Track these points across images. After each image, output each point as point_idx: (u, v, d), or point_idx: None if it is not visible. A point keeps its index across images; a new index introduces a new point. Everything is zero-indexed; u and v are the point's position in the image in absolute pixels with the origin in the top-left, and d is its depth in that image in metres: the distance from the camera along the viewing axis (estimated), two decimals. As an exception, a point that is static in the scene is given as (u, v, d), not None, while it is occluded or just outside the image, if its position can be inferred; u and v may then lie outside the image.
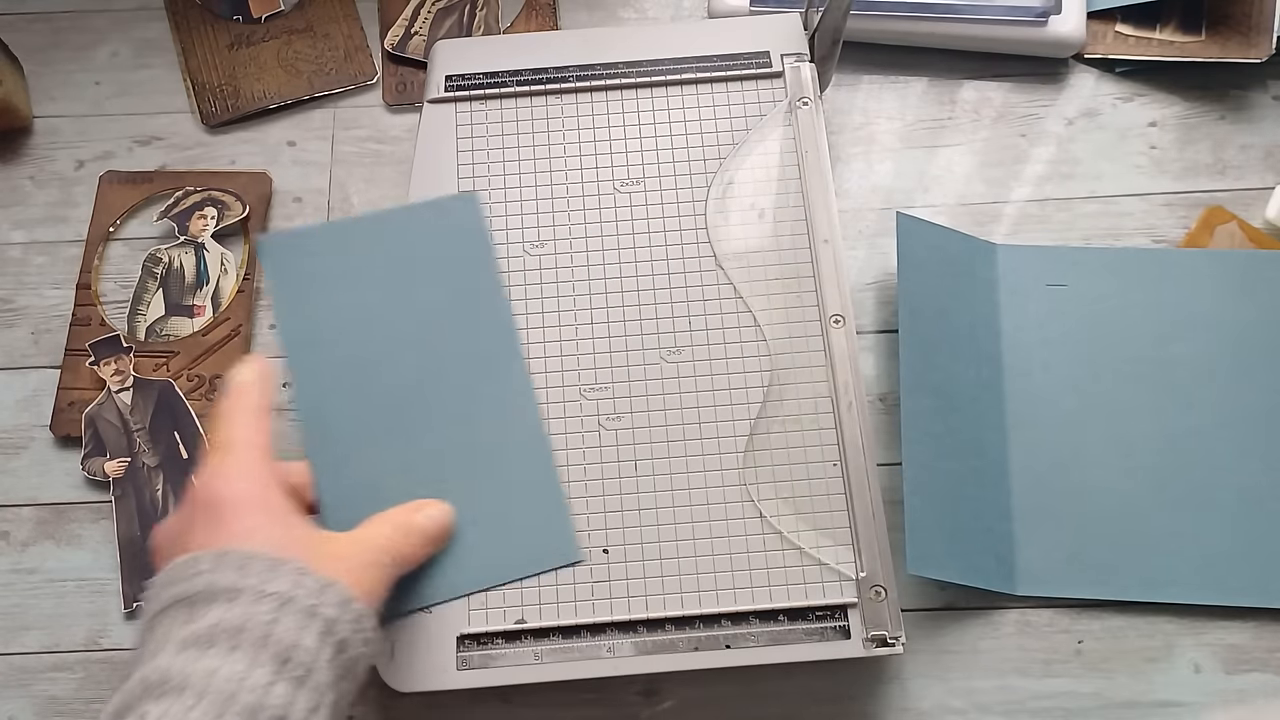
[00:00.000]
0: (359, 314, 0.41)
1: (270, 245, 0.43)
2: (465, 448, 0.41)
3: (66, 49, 0.62)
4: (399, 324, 0.41)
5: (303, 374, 0.41)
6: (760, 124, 0.51)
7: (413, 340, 0.41)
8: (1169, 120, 0.58)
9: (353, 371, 0.41)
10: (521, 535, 0.41)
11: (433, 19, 0.62)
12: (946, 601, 0.48)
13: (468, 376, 0.41)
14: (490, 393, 0.42)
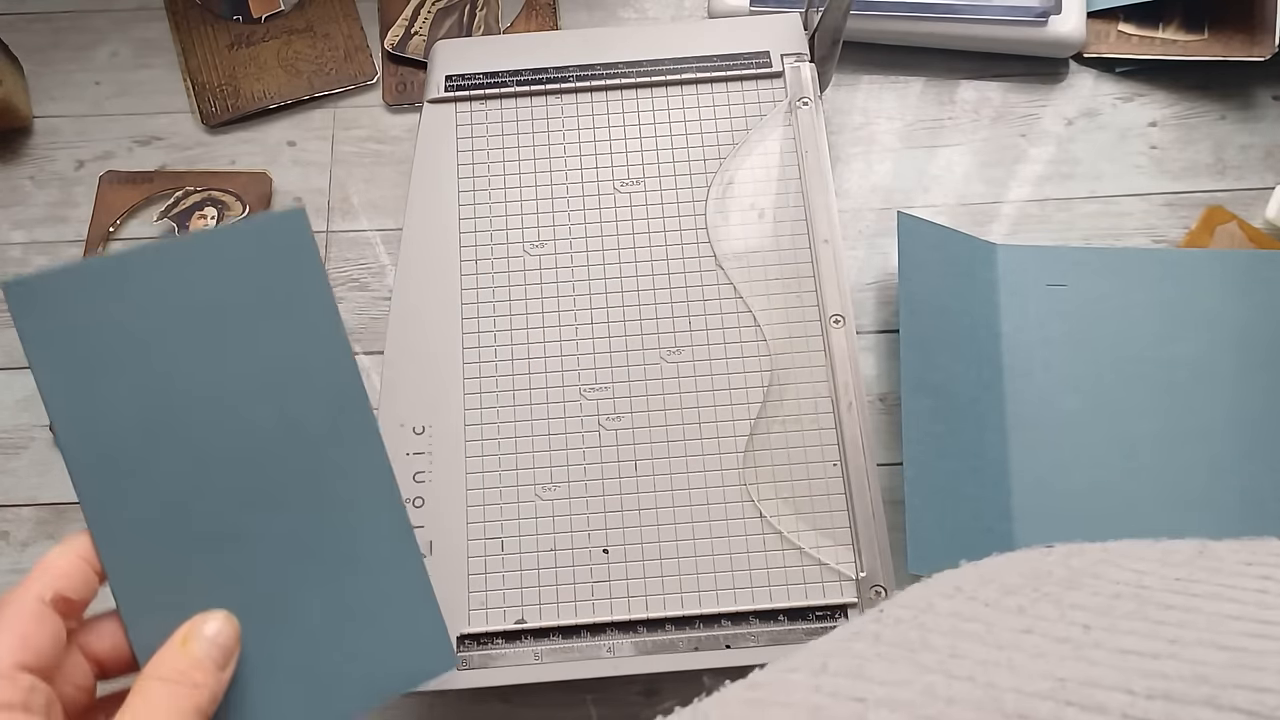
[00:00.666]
0: (153, 378, 0.30)
1: (21, 293, 0.30)
2: (302, 541, 0.31)
3: (66, 49, 0.62)
4: (205, 387, 0.31)
5: (80, 460, 0.29)
6: (760, 124, 0.51)
7: (224, 406, 0.31)
8: (1169, 120, 0.58)
9: (148, 453, 0.30)
10: (384, 646, 0.32)
11: (433, 19, 0.62)
12: (947, 601, 0.48)
13: (301, 447, 0.31)
14: (332, 465, 0.32)
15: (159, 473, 0.30)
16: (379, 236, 0.57)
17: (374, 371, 0.53)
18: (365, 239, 0.57)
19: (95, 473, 0.30)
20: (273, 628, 0.31)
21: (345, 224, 0.57)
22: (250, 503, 0.31)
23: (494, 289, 0.48)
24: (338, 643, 0.31)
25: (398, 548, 0.32)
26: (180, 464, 0.30)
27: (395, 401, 0.45)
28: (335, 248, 0.56)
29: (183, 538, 0.30)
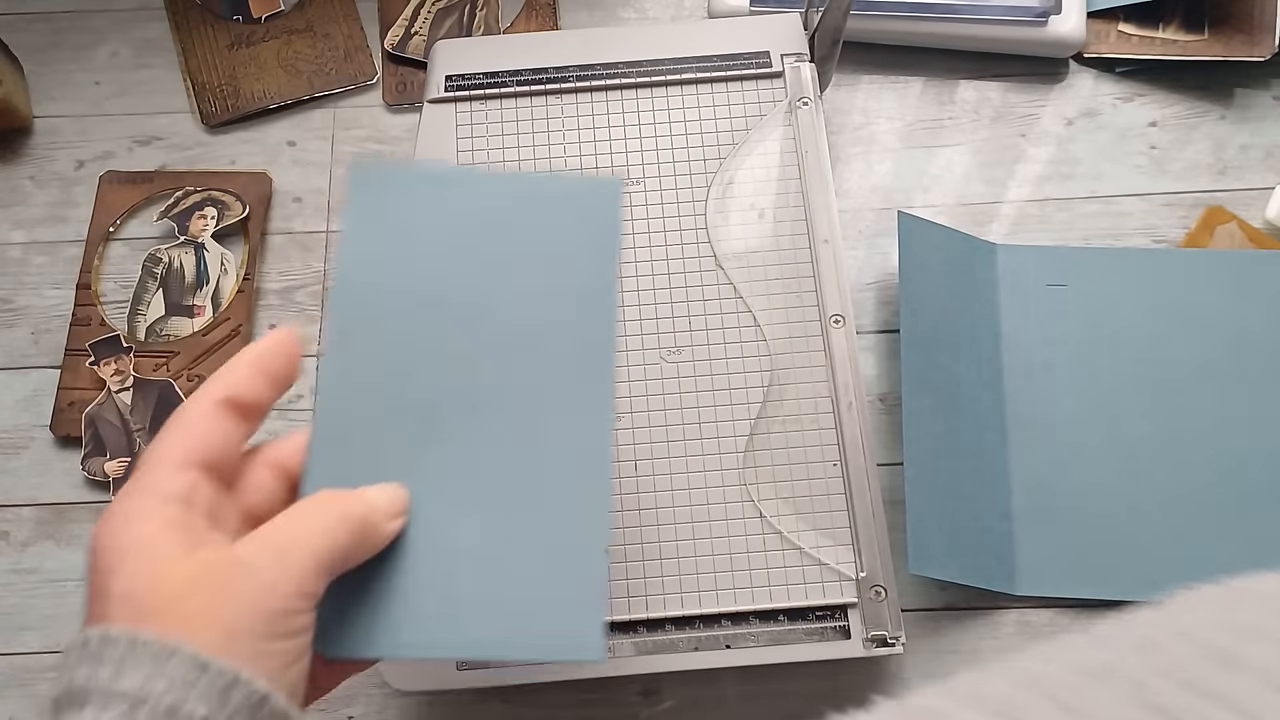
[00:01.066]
0: (437, 283, 0.33)
1: (363, 175, 0.34)
2: (501, 462, 0.32)
3: (66, 49, 0.62)
4: (479, 306, 0.33)
5: (342, 332, 0.32)
6: (760, 124, 0.51)
7: (483, 315, 0.33)
8: (1169, 120, 0.58)
9: (404, 345, 0.32)
10: (536, 603, 0.31)
11: (433, 19, 0.62)
12: (947, 602, 0.48)
13: (535, 381, 0.32)
14: (558, 421, 0.32)
15: (400, 347, 0.32)
16: (379, 236, 0.57)
17: (374, 371, 0.53)
18: (365, 239, 0.57)
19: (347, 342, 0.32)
20: (439, 532, 0.31)
21: (345, 224, 0.57)
22: (467, 406, 0.32)
23: (494, 289, 0.48)
24: (493, 577, 0.31)
25: (588, 514, 0.32)
26: (421, 348, 0.32)
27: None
28: (335, 248, 0.56)
29: (393, 410, 0.32)
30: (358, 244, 0.33)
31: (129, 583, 0.25)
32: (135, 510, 0.26)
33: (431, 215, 0.33)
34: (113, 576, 0.25)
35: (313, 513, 0.28)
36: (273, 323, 0.55)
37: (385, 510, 0.29)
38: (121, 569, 0.25)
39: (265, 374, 0.30)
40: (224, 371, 0.29)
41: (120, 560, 0.25)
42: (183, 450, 0.28)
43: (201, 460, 0.28)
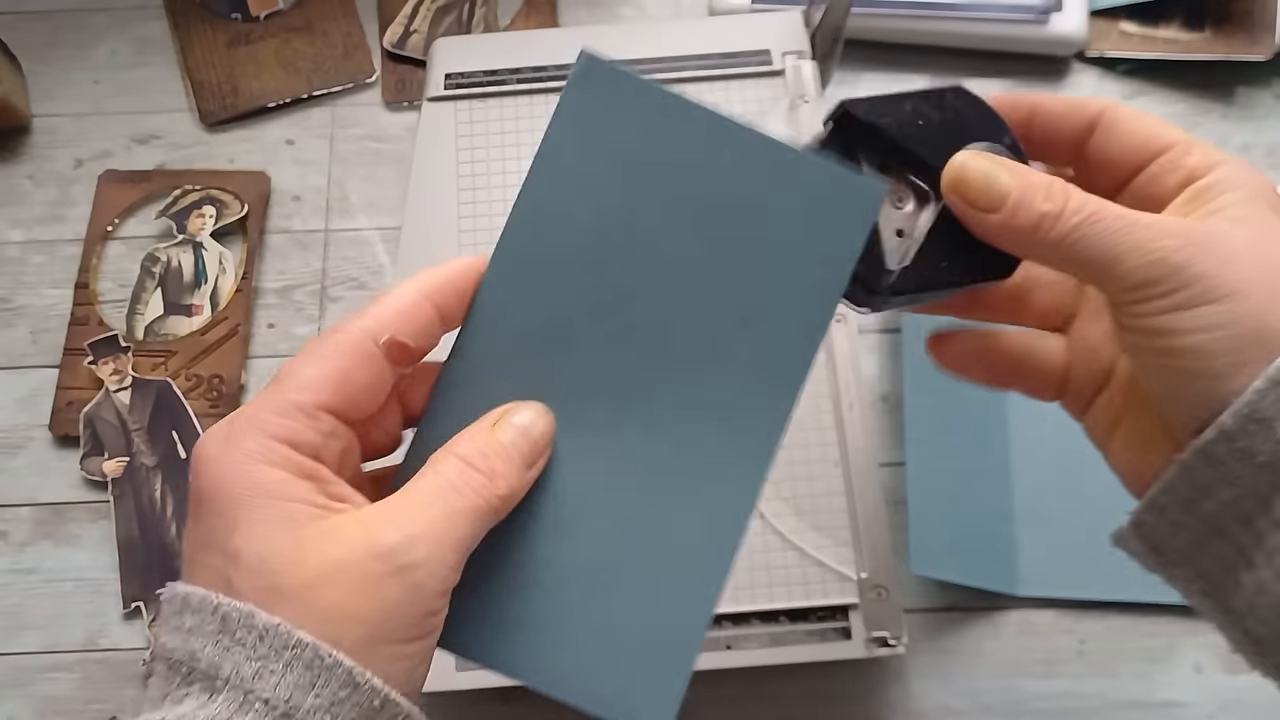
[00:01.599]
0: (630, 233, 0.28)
1: (591, 68, 0.28)
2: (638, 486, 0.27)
3: (65, 48, 0.62)
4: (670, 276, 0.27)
5: (514, 261, 0.28)
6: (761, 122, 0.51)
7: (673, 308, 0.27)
8: (1170, 119, 0.58)
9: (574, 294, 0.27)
10: (623, 652, 0.27)
11: (432, 16, 0.62)
12: (948, 602, 0.47)
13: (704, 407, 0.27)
14: (712, 451, 0.27)
15: (569, 295, 0.28)
16: (378, 235, 0.56)
17: (373, 371, 0.53)
18: (364, 238, 0.56)
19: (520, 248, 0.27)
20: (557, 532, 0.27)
21: (344, 223, 0.57)
22: (620, 393, 0.27)
23: (494, 288, 0.48)
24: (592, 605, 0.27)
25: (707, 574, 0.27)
26: (591, 303, 0.28)
27: (394, 401, 0.45)
28: (334, 246, 0.56)
29: (542, 370, 0.27)
30: (559, 157, 0.28)
31: (261, 548, 0.22)
32: (260, 452, 0.23)
33: (651, 148, 0.28)
34: (237, 532, 0.22)
35: (456, 498, 0.24)
36: (271, 322, 0.55)
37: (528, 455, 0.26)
38: (249, 527, 0.22)
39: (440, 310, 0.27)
40: (392, 301, 0.26)
41: (245, 513, 0.22)
42: (325, 396, 0.24)
43: (343, 410, 0.24)
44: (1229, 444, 0.23)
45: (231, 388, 0.52)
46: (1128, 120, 0.27)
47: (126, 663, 0.47)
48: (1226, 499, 0.24)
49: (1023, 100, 0.29)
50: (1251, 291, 0.23)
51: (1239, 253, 0.24)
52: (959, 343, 0.32)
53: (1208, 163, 0.26)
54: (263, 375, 0.53)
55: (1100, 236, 0.24)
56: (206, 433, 0.24)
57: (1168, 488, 0.25)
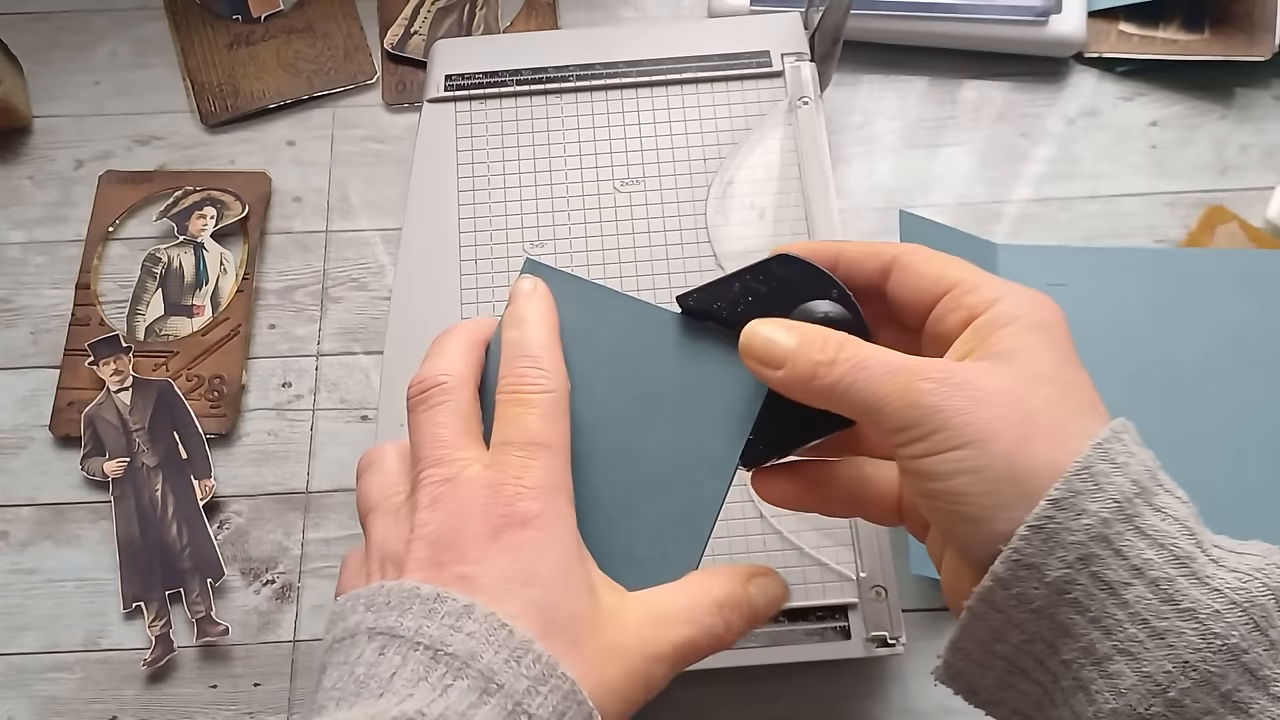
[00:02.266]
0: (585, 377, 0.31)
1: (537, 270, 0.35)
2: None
3: (66, 48, 0.62)
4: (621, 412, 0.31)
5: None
6: (760, 124, 0.51)
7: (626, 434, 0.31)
8: (1170, 119, 0.58)
9: None
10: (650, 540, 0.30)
11: (432, 18, 0.62)
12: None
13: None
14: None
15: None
16: (378, 236, 0.57)
17: (374, 371, 0.53)
18: (364, 239, 0.57)
19: None
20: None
21: (344, 224, 0.57)
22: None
23: (494, 289, 0.48)
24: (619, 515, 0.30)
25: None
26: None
27: (395, 401, 0.45)
28: (334, 247, 0.56)
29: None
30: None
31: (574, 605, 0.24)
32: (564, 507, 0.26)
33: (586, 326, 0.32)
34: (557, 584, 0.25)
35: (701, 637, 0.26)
36: (272, 323, 0.55)
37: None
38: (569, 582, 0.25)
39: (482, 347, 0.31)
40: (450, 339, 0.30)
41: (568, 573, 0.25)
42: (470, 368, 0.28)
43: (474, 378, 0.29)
44: (1005, 591, 0.24)
45: (232, 388, 0.52)
46: (918, 263, 0.28)
47: (127, 663, 0.47)
48: (1016, 642, 0.24)
49: (828, 249, 0.30)
50: (1000, 432, 0.24)
51: (993, 392, 0.24)
52: (787, 480, 0.31)
53: (988, 299, 0.26)
54: (264, 375, 0.53)
55: (867, 382, 0.25)
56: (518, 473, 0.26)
57: (964, 633, 0.25)
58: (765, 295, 0.29)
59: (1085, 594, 0.23)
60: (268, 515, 0.50)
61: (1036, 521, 0.23)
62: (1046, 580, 0.23)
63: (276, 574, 0.49)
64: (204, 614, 0.48)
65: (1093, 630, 0.23)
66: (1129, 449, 0.24)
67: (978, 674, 0.26)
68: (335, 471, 0.51)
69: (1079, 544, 0.23)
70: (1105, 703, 0.23)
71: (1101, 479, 0.23)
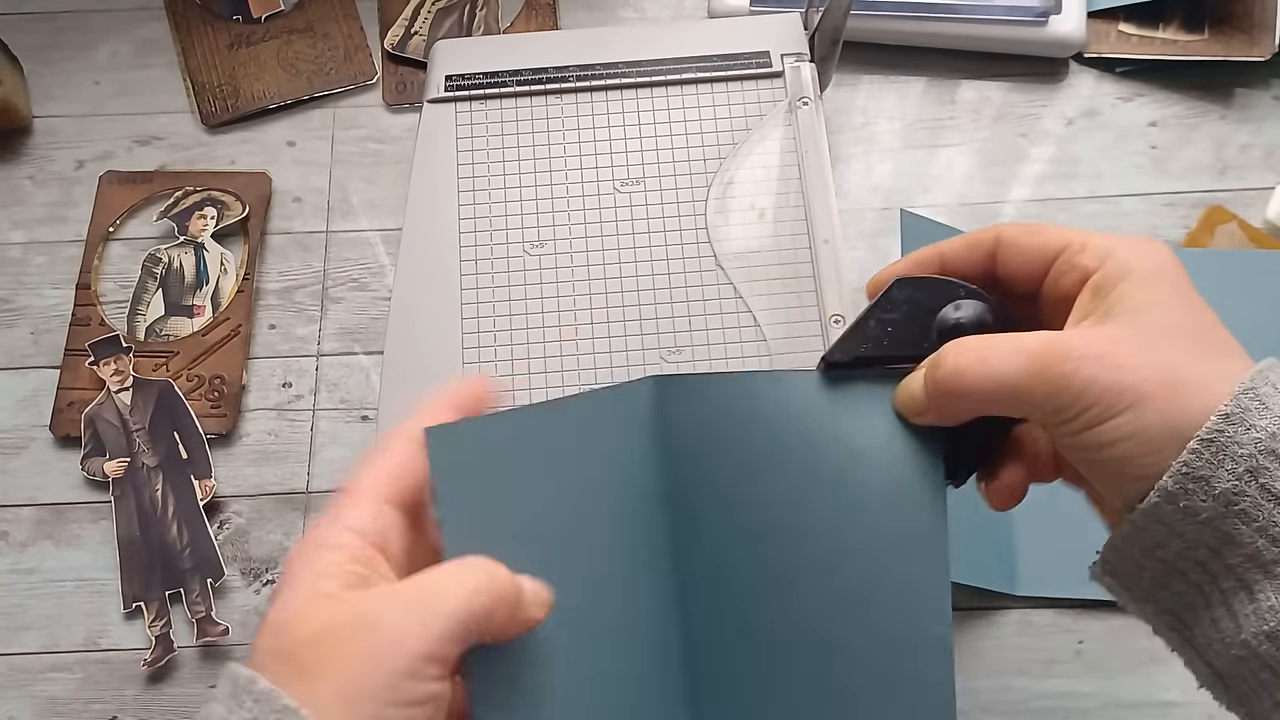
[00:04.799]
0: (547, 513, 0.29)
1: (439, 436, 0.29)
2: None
3: (66, 49, 0.62)
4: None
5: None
6: (760, 124, 0.51)
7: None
8: (1169, 120, 0.58)
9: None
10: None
11: (432, 19, 0.62)
12: (947, 602, 0.47)
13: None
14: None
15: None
16: (379, 236, 0.57)
17: (374, 371, 0.53)
18: (365, 239, 0.57)
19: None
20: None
21: (345, 224, 0.57)
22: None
23: (494, 289, 0.48)
24: None
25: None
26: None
27: (395, 401, 0.45)
28: (335, 247, 0.56)
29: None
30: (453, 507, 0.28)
31: (278, 613, 0.24)
32: (322, 539, 0.25)
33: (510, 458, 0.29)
34: (276, 597, 0.25)
35: (457, 571, 0.25)
36: (272, 323, 0.55)
37: (532, 592, 0.26)
38: (282, 594, 0.25)
39: (462, 412, 0.29)
40: (424, 411, 0.28)
41: (287, 585, 0.25)
42: (386, 485, 0.26)
43: (404, 499, 0.27)
44: (1172, 505, 0.24)
45: (233, 388, 0.52)
46: (1020, 238, 0.29)
47: (127, 663, 0.47)
48: (1178, 549, 0.25)
49: (929, 255, 0.31)
50: (1150, 394, 0.25)
51: (1132, 356, 0.25)
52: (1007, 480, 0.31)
53: (1098, 255, 0.27)
54: (264, 375, 0.53)
55: (1002, 378, 0.26)
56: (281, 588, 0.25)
57: (1125, 540, 0.26)
58: (901, 321, 0.30)
59: (1253, 505, 0.24)
60: (268, 515, 0.50)
61: (1208, 435, 0.24)
62: (1215, 492, 0.24)
63: (276, 574, 0.49)
64: (204, 614, 0.48)
65: (1259, 539, 0.24)
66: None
67: (1134, 574, 0.27)
68: (335, 471, 0.51)
69: (1248, 456, 0.24)
70: (1265, 600, 0.24)
71: (1267, 399, 0.24)
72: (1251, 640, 0.24)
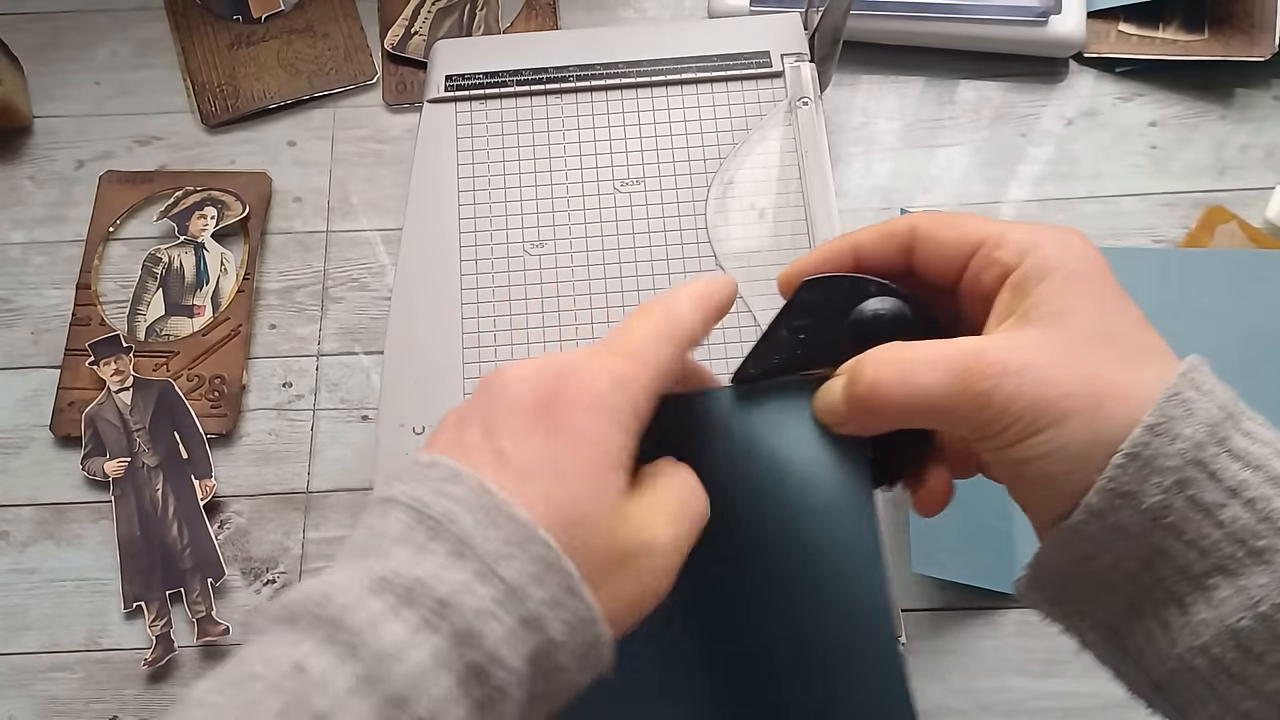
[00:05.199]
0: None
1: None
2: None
3: (66, 49, 0.62)
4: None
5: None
6: (760, 124, 0.51)
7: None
8: (1169, 120, 0.58)
9: None
10: None
11: (432, 19, 0.62)
12: (946, 601, 0.47)
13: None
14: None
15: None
16: (379, 236, 0.57)
17: (374, 371, 0.53)
18: (365, 239, 0.57)
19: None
20: None
21: (345, 224, 0.57)
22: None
23: (494, 289, 0.48)
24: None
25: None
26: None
27: (395, 401, 0.45)
28: (335, 247, 0.56)
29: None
30: None
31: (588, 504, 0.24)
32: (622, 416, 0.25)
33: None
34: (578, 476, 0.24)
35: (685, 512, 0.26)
36: (273, 323, 0.55)
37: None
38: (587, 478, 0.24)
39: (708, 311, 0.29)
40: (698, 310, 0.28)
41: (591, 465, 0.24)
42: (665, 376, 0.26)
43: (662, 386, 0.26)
44: (1099, 522, 0.24)
45: (233, 388, 0.52)
46: (937, 231, 0.28)
47: (127, 662, 0.48)
48: (1107, 562, 0.24)
49: (840, 247, 0.29)
50: (1073, 410, 0.24)
51: (1054, 368, 0.24)
52: (933, 485, 0.31)
53: (1018, 251, 0.26)
54: (264, 375, 0.53)
55: (921, 395, 0.25)
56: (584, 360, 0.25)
57: (1051, 555, 0.25)
58: (812, 327, 0.29)
59: (1181, 518, 0.23)
60: (268, 515, 0.50)
61: (1133, 449, 0.23)
62: (1142, 508, 0.23)
63: (277, 574, 0.49)
64: (205, 614, 0.48)
65: (1189, 552, 0.23)
66: (1209, 379, 0.25)
67: (1062, 589, 0.26)
68: (336, 471, 0.51)
69: (1175, 469, 0.23)
70: (1197, 614, 0.23)
71: (1192, 404, 0.23)
72: (1185, 655, 0.23)
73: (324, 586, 0.22)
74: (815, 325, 0.29)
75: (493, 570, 0.22)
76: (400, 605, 0.22)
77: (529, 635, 0.22)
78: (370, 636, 0.21)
